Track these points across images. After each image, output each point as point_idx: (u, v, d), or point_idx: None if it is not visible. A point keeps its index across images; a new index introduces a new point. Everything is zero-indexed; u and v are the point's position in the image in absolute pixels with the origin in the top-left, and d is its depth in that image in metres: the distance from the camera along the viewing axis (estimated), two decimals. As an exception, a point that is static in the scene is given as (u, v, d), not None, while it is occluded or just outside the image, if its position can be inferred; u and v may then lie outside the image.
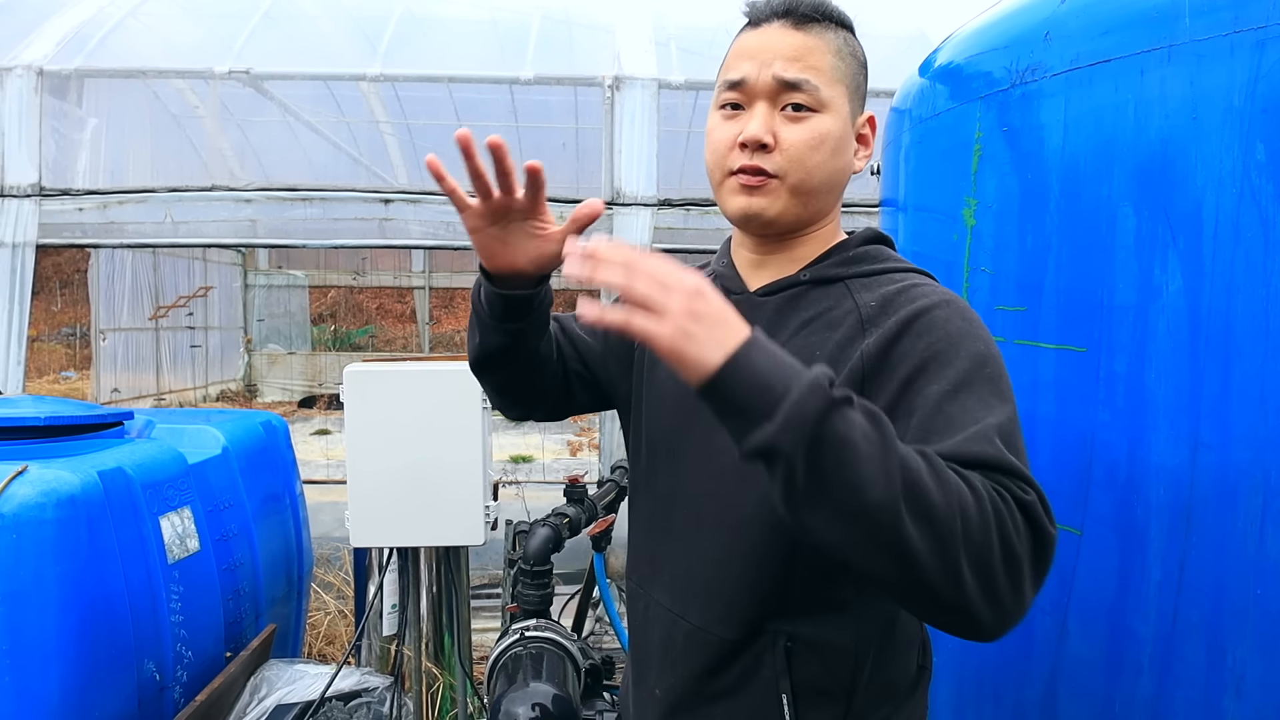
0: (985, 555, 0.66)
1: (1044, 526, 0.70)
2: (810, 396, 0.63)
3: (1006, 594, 0.68)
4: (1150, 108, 1.11)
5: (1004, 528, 0.67)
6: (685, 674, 0.92)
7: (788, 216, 0.89)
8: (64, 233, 3.58)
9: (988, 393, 0.76)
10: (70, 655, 1.61)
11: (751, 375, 0.65)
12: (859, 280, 0.90)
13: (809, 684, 0.87)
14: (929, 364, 0.79)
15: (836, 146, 0.88)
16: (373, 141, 4.57)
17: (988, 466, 0.71)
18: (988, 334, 0.82)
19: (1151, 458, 1.12)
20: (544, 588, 1.54)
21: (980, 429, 0.73)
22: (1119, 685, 1.16)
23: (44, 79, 3.57)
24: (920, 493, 0.64)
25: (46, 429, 1.90)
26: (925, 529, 0.64)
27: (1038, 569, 0.71)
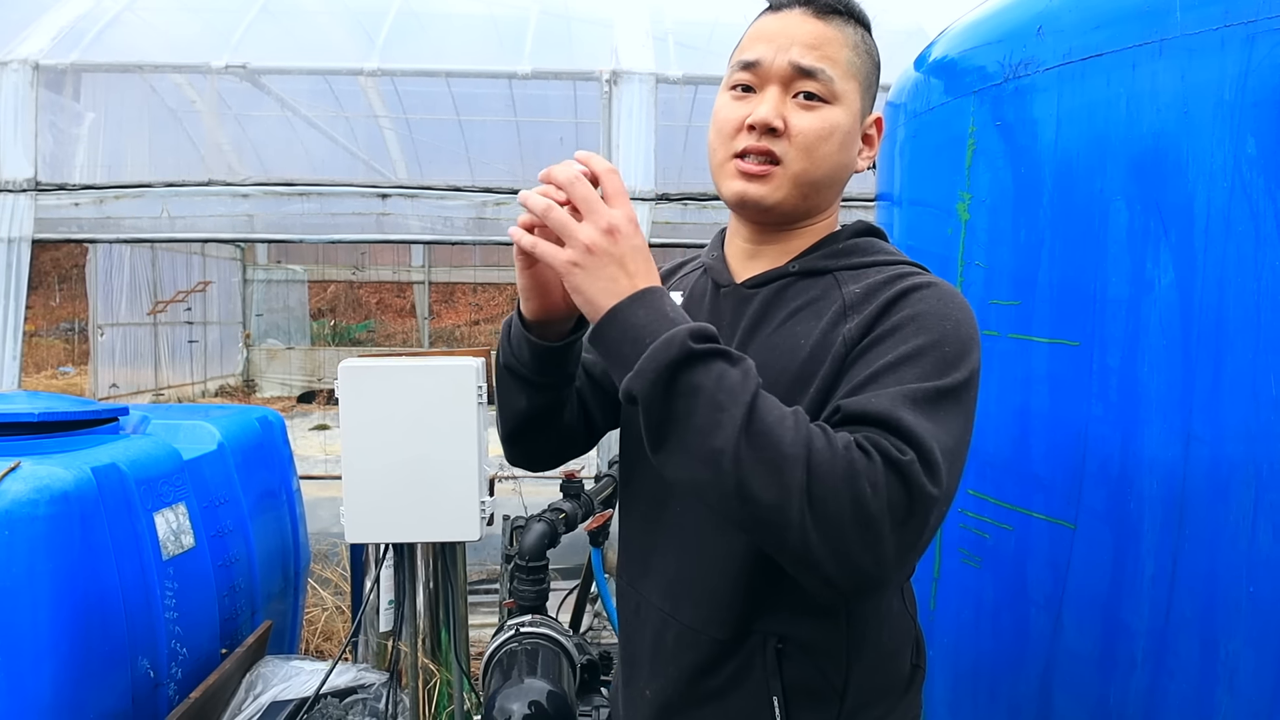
0: (833, 511, 0.67)
1: (918, 486, 0.68)
2: (666, 348, 0.70)
3: (859, 553, 0.68)
4: (1142, 102, 1.11)
5: (856, 484, 0.67)
6: (675, 675, 0.91)
7: (786, 205, 0.88)
8: (60, 228, 3.57)
9: (930, 368, 0.76)
10: (63, 652, 1.61)
11: (628, 326, 0.73)
12: (847, 272, 0.89)
13: (800, 685, 0.86)
14: (886, 337, 0.79)
15: (844, 141, 0.88)
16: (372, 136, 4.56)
17: (874, 423, 0.71)
18: (962, 318, 0.81)
19: (1144, 452, 1.12)
20: (540, 583, 1.54)
21: (892, 391, 0.74)
22: (1113, 679, 1.16)
23: (40, 73, 3.55)
24: (768, 441, 0.68)
25: (41, 425, 1.89)
26: (767, 476, 0.67)
27: (907, 530, 0.69)
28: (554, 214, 0.75)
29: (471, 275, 13.00)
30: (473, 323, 14.67)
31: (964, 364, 0.77)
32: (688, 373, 0.70)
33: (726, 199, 0.91)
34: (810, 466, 0.67)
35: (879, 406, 0.72)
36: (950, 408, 0.75)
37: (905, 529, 0.69)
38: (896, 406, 0.72)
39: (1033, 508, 1.27)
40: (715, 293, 0.96)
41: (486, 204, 3.46)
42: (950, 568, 1.44)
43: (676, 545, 0.92)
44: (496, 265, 12.56)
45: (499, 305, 14.97)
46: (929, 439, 0.70)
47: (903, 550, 0.70)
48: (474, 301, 14.93)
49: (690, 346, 0.70)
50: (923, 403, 0.73)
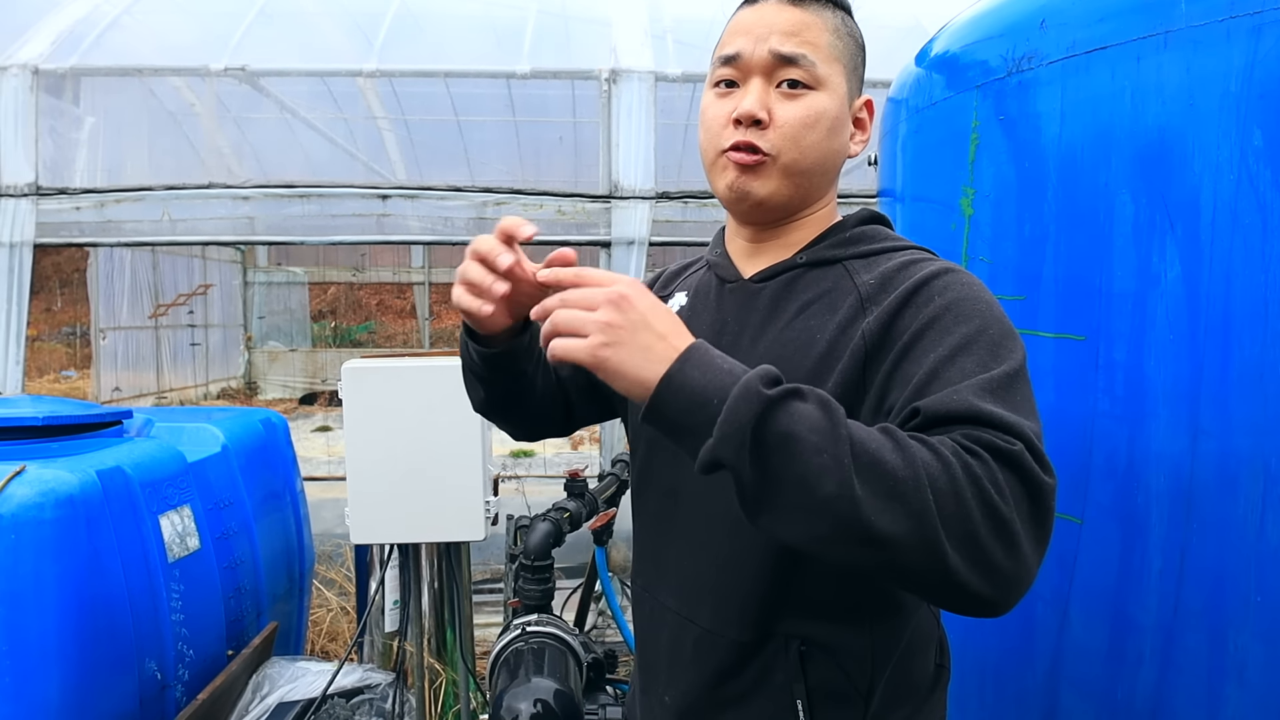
0: (967, 525, 0.62)
1: (1035, 476, 0.64)
2: (742, 404, 0.64)
3: (1002, 560, 0.63)
4: (1147, 95, 1.10)
5: (983, 491, 0.62)
6: (696, 680, 0.88)
7: (779, 197, 0.86)
8: (61, 232, 3.57)
9: (986, 355, 0.73)
10: (70, 655, 1.61)
11: (686, 393, 0.66)
12: (857, 261, 0.87)
13: (824, 687, 0.83)
14: (926, 330, 0.76)
15: (833, 126, 0.85)
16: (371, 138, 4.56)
17: (967, 420, 0.67)
18: (991, 299, 0.79)
19: (1151, 446, 1.12)
20: (545, 583, 1.54)
21: (967, 384, 0.70)
22: (1120, 674, 1.16)
23: (39, 78, 3.55)
24: (881, 473, 0.62)
25: (45, 429, 1.90)
26: (892, 509, 0.62)
27: (1036, 524, 0.65)
28: (561, 313, 0.70)
29: (470, 276, 12.97)
30: (474, 322, 14.62)
31: (1015, 343, 0.75)
32: (773, 424, 0.63)
33: (721, 197, 0.89)
34: (932, 486, 0.62)
35: (962, 404, 0.67)
36: (1022, 388, 0.72)
37: (1036, 523, 0.65)
38: (979, 400, 0.68)
39: (1039, 503, 1.26)
40: (721, 289, 0.94)
41: (486, 204, 3.46)
42: (957, 564, 1.44)
43: (691, 547, 0.89)
44: (497, 265, 12.51)
45: (499, 305, 14.92)
46: (1024, 426, 0.67)
47: (1040, 544, 0.66)
48: (474, 302, 14.89)
49: (766, 395, 0.64)
50: (999, 391, 0.69)
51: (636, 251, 3.40)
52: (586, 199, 3.39)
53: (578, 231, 3.41)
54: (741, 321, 0.89)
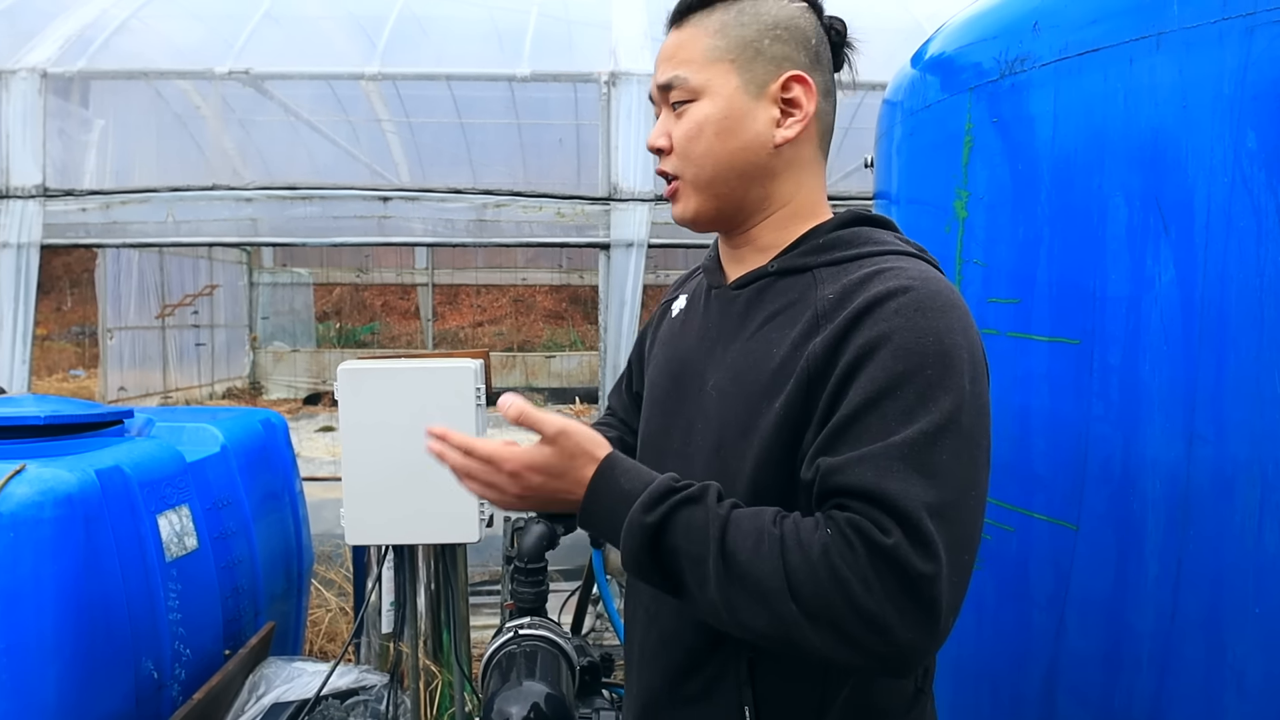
0: (834, 620, 0.67)
1: (910, 569, 0.66)
2: (631, 537, 0.75)
3: (875, 645, 0.67)
4: (1140, 97, 1.09)
5: (847, 590, 0.67)
6: (656, 678, 0.91)
7: (705, 214, 0.87)
8: (68, 233, 3.59)
9: (913, 399, 0.70)
10: (67, 654, 1.61)
11: (598, 526, 0.80)
12: (827, 269, 0.82)
13: (774, 699, 0.83)
14: (862, 362, 0.73)
15: (720, 128, 0.83)
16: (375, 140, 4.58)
17: (859, 498, 0.69)
18: (947, 325, 0.74)
19: (1147, 451, 1.11)
20: (539, 585, 1.54)
21: (875, 449, 0.69)
22: (1118, 681, 1.15)
23: (48, 81, 3.58)
24: (746, 582, 0.70)
25: (47, 428, 1.90)
26: (759, 612, 0.70)
27: (908, 615, 0.66)
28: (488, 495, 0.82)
29: (474, 277, 13.05)
30: (476, 324, 14.70)
31: (951, 383, 0.71)
32: (660, 545, 0.74)
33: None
34: (794, 592, 0.68)
35: (864, 478, 0.69)
36: (948, 445, 0.69)
37: (916, 612, 0.66)
38: (883, 477, 0.68)
39: (1034, 508, 1.26)
40: (709, 295, 0.95)
41: (487, 205, 3.47)
42: (951, 568, 1.43)
43: None
44: (499, 267, 12.59)
45: (502, 307, 15.00)
46: (918, 510, 0.67)
47: (923, 625, 0.67)
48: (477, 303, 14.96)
49: (647, 522, 0.74)
50: (912, 458, 0.68)
51: (635, 253, 3.40)
52: (586, 201, 3.40)
53: (577, 233, 3.42)
54: (720, 328, 0.89)
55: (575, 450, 0.79)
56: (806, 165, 0.88)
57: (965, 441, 0.71)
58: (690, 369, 0.91)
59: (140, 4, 3.99)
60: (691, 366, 0.91)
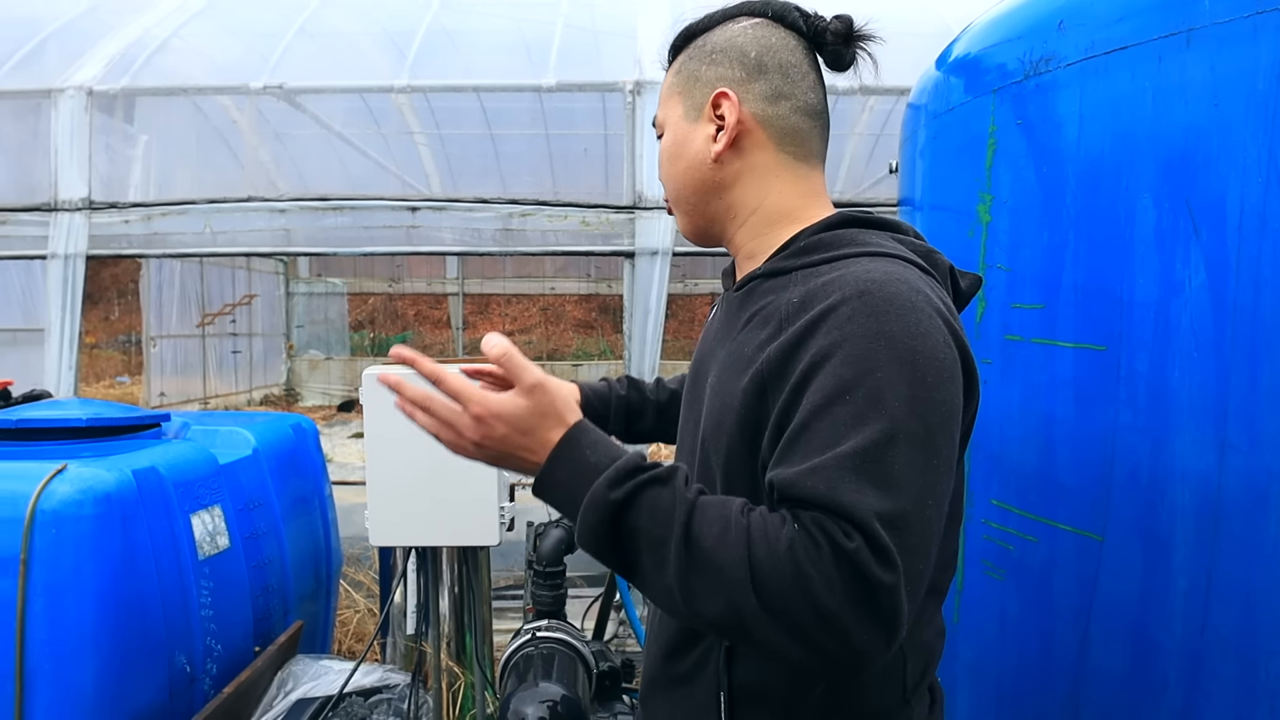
0: (793, 619, 0.66)
1: (869, 576, 0.65)
2: (593, 510, 0.72)
3: (834, 648, 0.66)
4: (1169, 95, 1.07)
5: (809, 588, 0.66)
6: (656, 653, 0.95)
7: (690, 230, 0.97)
8: (112, 244, 3.72)
9: (864, 405, 0.69)
10: (105, 647, 1.66)
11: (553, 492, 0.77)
12: (804, 271, 0.83)
13: (748, 688, 0.85)
14: (814, 370, 0.73)
15: (671, 154, 0.93)
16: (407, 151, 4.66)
17: (817, 506, 0.68)
18: (903, 326, 0.72)
19: (1176, 460, 1.08)
20: (557, 588, 1.55)
21: (826, 460, 0.69)
22: (1145, 698, 1.12)
23: (94, 99, 3.70)
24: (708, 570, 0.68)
25: (88, 430, 1.97)
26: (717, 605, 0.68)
27: (867, 620, 0.66)
28: (431, 427, 0.78)
29: (503, 286, 13.17)
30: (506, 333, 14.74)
31: (903, 389, 0.70)
32: (622, 525, 0.72)
33: None
34: (756, 584, 0.67)
35: (816, 489, 0.68)
36: (901, 452, 0.69)
37: (873, 619, 0.66)
38: (835, 486, 0.67)
39: (1058, 519, 1.23)
40: (723, 298, 0.99)
41: (513, 215, 3.51)
42: (973, 580, 1.40)
43: None
44: (528, 277, 12.69)
45: (532, 316, 15.09)
46: (870, 520, 0.66)
47: (879, 634, 0.67)
48: (508, 313, 15.08)
49: (611, 498, 0.72)
50: (864, 467, 0.68)
51: (660, 262, 3.40)
52: (611, 210, 3.42)
53: (602, 242, 3.44)
54: (722, 329, 0.92)
55: (548, 409, 0.76)
56: (766, 171, 0.89)
57: (919, 448, 0.70)
58: (702, 368, 0.94)
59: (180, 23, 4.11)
60: (703, 365, 0.94)
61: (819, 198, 0.91)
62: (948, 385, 0.73)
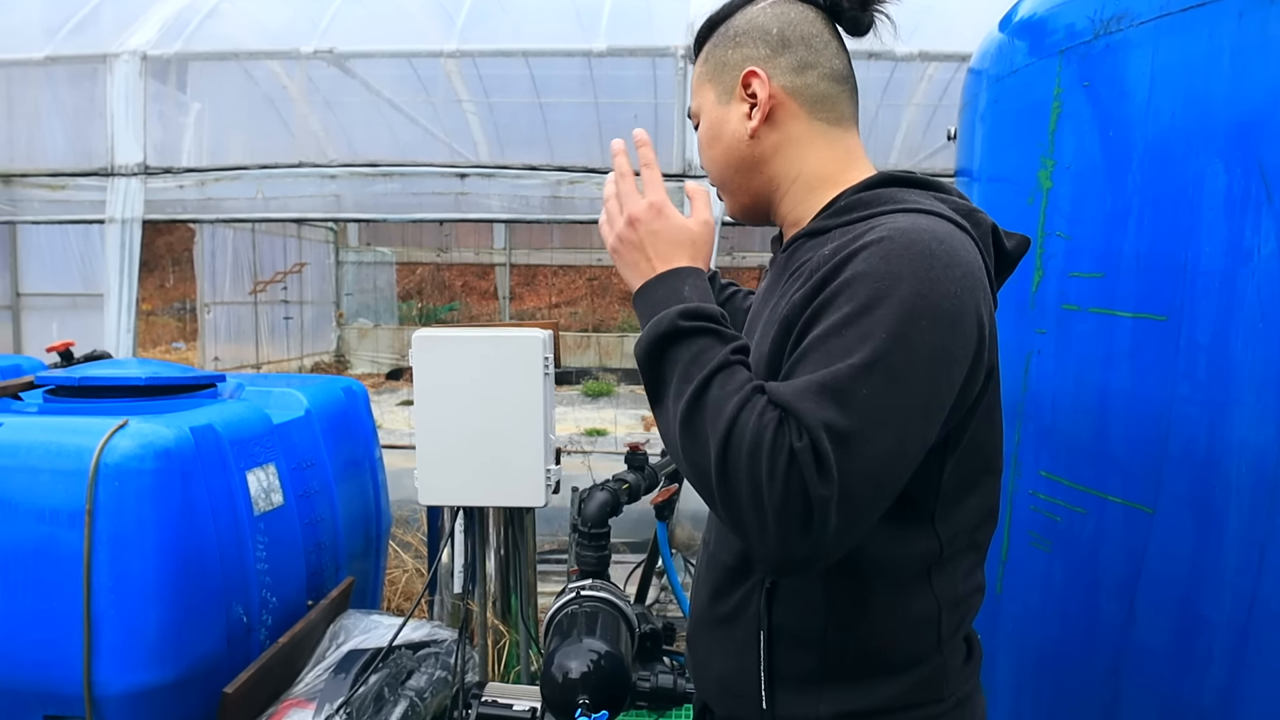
0: (736, 487, 0.71)
1: (805, 479, 0.69)
2: (657, 325, 0.81)
3: (756, 534, 0.71)
4: (1248, 55, 1.03)
5: (755, 470, 0.70)
6: (703, 595, 0.99)
7: (737, 211, 1.00)
8: (167, 209, 3.81)
9: (853, 340, 0.73)
10: (167, 595, 1.72)
11: (645, 304, 0.86)
12: (843, 229, 0.86)
13: (784, 628, 0.88)
14: (823, 307, 0.77)
15: (709, 138, 0.97)
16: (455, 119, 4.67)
17: (784, 409, 0.73)
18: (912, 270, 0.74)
19: (1234, 433, 1.05)
20: (601, 549, 1.57)
21: (805, 378, 0.73)
22: (1188, 673, 1.10)
23: (148, 64, 3.78)
24: (706, 415, 0.75)
25: (147, 389, 2.03)
26: (695, 447, 0.75)
27: (794, 522, 0.69)
28: (609, 205, 0.91)
29: (550, 258, 13.23)
30: (553, 305, 14.90)
31: (894, 328, 0.72)
32: (673, 347, 0.80)
33: None
34: (726, 441, 0.72)
35: (783, 395, 0.73)
36: (871, 381, 0.71)
37: (801, 523, 0.70)
38: (800, 396, 0.72)
39: (1109, 491, 1.21)
40: (773, 257, 1.02)
41: (561, 183, 3.50)
42: (1019, 551, 1.39)
43: None
44: (575, 248, 12.71)
45: (579, 288, 15.15)
46: (818, 428, 0.70)
47: (802, 539, 0.70)
48: (554, 284, 15.16)
49: (677, 324, 0.80)
50: (830, 384, 0.71)
51: (708, 230, 3.37)
52: (659, 177, 3.39)
53: (651, 210, 3.41)
54: (770, 287, 0.97)
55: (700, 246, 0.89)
56: (802, 140, 0.93)
57: (892, 382, 0.72)
58: (752, 327, 0.97)
59: (232, -12, 4.16)
60: (752, 326, 0.97)
61: (857, 159, 0.94)
62: (945, 333, 0.74)
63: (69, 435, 1.74)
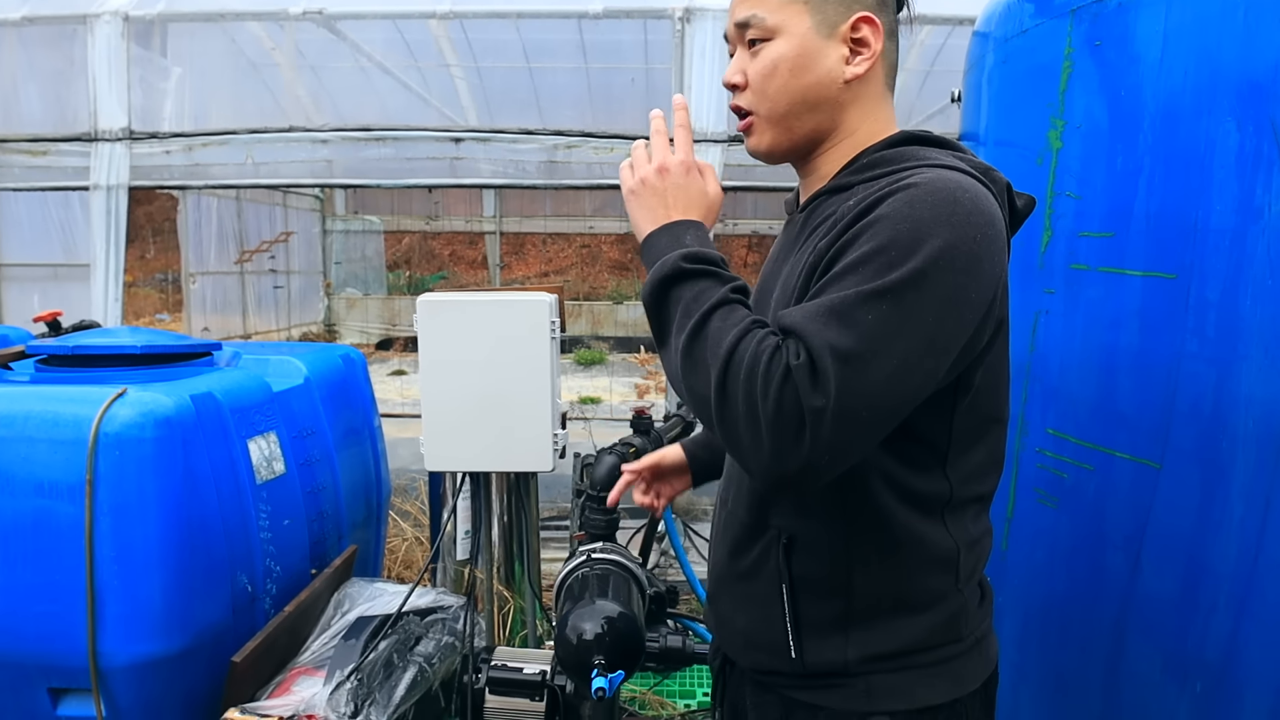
0: (734, 406, 0.76)
1: (799, 392, 0.73)
2: (663, 266, 0.85)
3: (752, 449, 0.75)
4: (1263, 13, 1.03)
5: (751, 385, 0.75)
6: (722, 552, 1.02)
7: (780, 146, 0.95)
8: (154, 175, 3.73)
9: (869, 274, 0.76)
10: (171, 565, 1.71)
11: (653, 248, 0.88)
12: (865, 185, 0.88)
13: (807, 578, 0.91)
14: (846, 246, 0.80)
15: (795, 65, 0.91)
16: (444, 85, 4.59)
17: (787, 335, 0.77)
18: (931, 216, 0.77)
19: (1241, 389, 1.07)
20: (610, 513, 1.58)
21: (819, 302, 0.77)
22: (1192, 622, 1.13)
23: (130, 24, 3.68)
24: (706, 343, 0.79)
25: (142, 357, 1.99)
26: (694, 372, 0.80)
27: (787, 432, 0.73)
28: (637, 151, 0.93)
29: (542, 225, 13.12)
30: (542, 274, 14.83)
31: (907, 263, 0.75)
32: (677, 287, 0.84)
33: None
34: (726, 364, 0.76)
35: (792, 318, 0.77)
36: (878, 308, 0.74)
37: (794, 433, 0.73)
38: (808, 317, 0.76)
39: (1116, 447, 1.23)
40: (788, 220, 1.04)
41: (558, 147, 3.46)
42: (1025, 508, 1.41)
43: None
44: (566, 216, 12.60)
45: (568, 257, 15.08)
46: (822, 347, 0.73)
47: (795, 449, 0.74)
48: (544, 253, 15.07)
49: (681, 266, 0.84)
50: (839, 309, 0.75)
51: (707, 195, 3.35)
52: (657, 141, 3.36)
53: (648, 175, 3.38)
54: (785, 248, 0.99)
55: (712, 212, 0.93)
56: (873, 99, 0.94)
57: (899, 314, 0.75)
58: (766, 286, 0.99)
59: (216, -52, 4.04)
60: (767, 283, 0.99)
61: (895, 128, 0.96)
62: (961, 275, 0.77)
63: (66, 405, 1.70)
